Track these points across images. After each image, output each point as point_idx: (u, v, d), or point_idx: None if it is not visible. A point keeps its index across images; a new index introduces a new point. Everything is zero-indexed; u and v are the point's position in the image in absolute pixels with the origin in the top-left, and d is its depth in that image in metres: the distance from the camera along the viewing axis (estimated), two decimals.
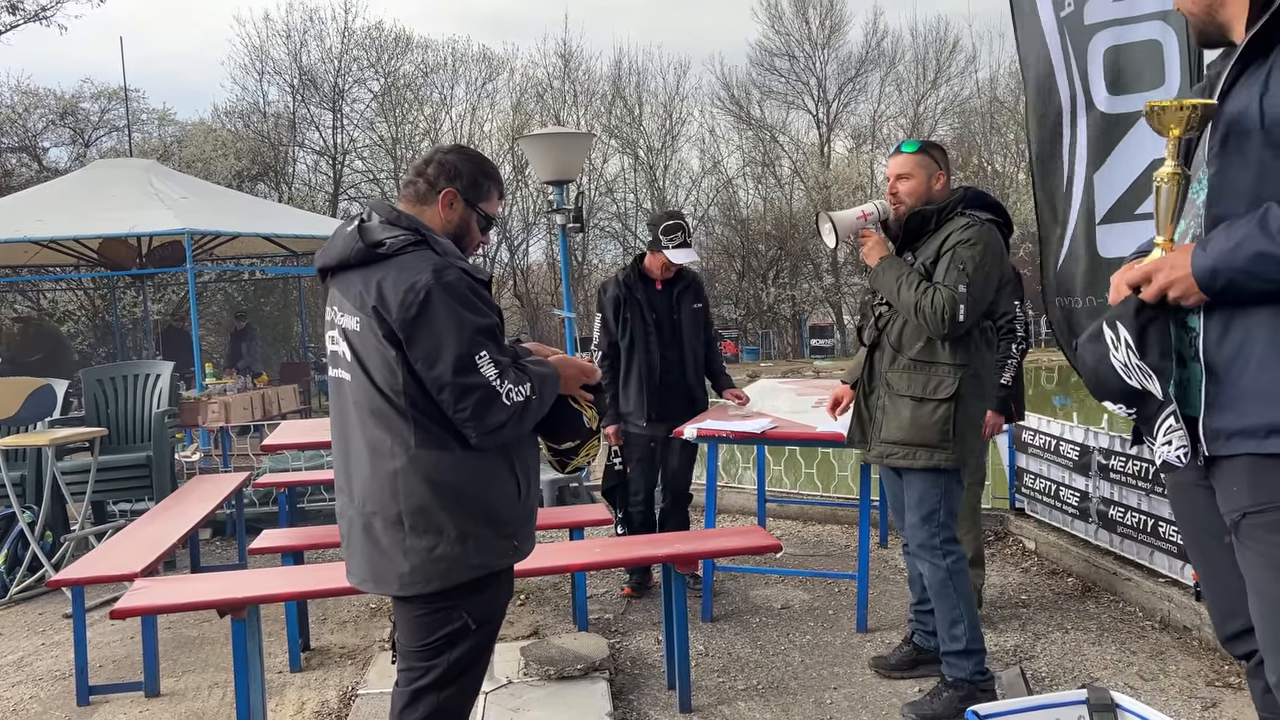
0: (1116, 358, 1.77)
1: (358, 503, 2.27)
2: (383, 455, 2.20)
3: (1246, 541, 1.74)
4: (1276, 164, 1.67)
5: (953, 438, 3.28)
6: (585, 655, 3.77)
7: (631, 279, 4.74)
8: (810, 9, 30.63)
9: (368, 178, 27.09)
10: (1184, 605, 4.08)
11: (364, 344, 2.19)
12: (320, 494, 6.43)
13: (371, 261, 2.19)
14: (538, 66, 28.88)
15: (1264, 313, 1.67)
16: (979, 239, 3.23)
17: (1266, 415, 1.66)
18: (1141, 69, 3.98)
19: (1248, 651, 1.94)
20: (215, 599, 3.13)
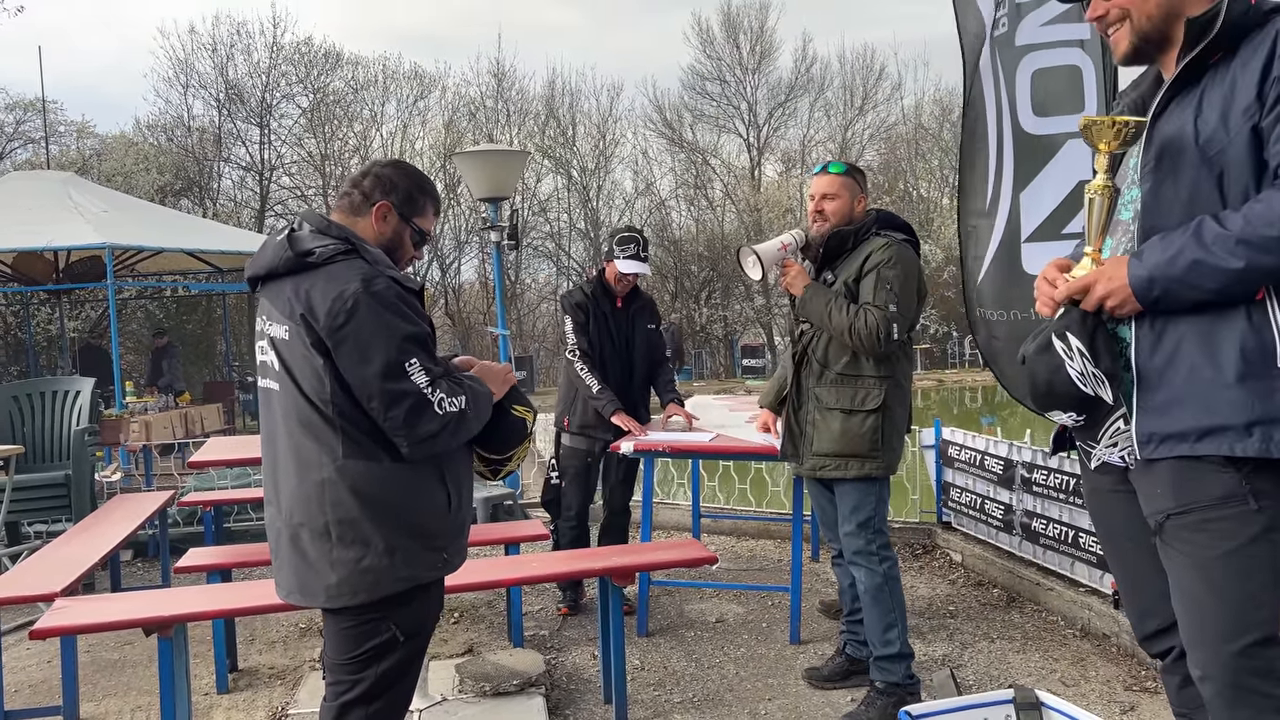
0: (1072, 368, 1.83)
1: (285, 514, 2.24)
2: (310, 465, 2.18)
3: (1170, 542, 1.82)
4: (1209, 181, 1.76)
5: (881, 446, 3.41)
6: (521, 671, 3.75)
7: (597, 292, 4.72)
8: (741, 34, 31.18)
9: (295, 194, 26.69)
10: (1103, 613, 4.22)
11: (292, 353, 2.18)
12: (247, 513, 6.29)
13: (300, 270, 2.18)
14: (470, 85, 28.87)
15: (1194, 323, 1.76)
16: (898, 258, 3.39)
17: (1199, 419, 1.75)
18: (1063, 93, 4.15)
19: (1164, 650, 2.02)
20: (141, 617, 3.05)
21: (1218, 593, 1.75)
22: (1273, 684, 1.72)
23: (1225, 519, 1.74)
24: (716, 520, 6.34)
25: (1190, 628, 1.80)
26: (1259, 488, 1.72)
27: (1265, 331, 1.71)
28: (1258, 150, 1.72)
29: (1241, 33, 1.76)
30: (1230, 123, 1.73)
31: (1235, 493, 1.73)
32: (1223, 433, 1.72)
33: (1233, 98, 1.74)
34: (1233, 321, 1.73)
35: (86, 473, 5.86)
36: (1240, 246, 1.67)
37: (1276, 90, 1.69)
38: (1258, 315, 1.72)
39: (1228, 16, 1.75)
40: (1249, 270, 1.67)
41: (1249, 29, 1.76)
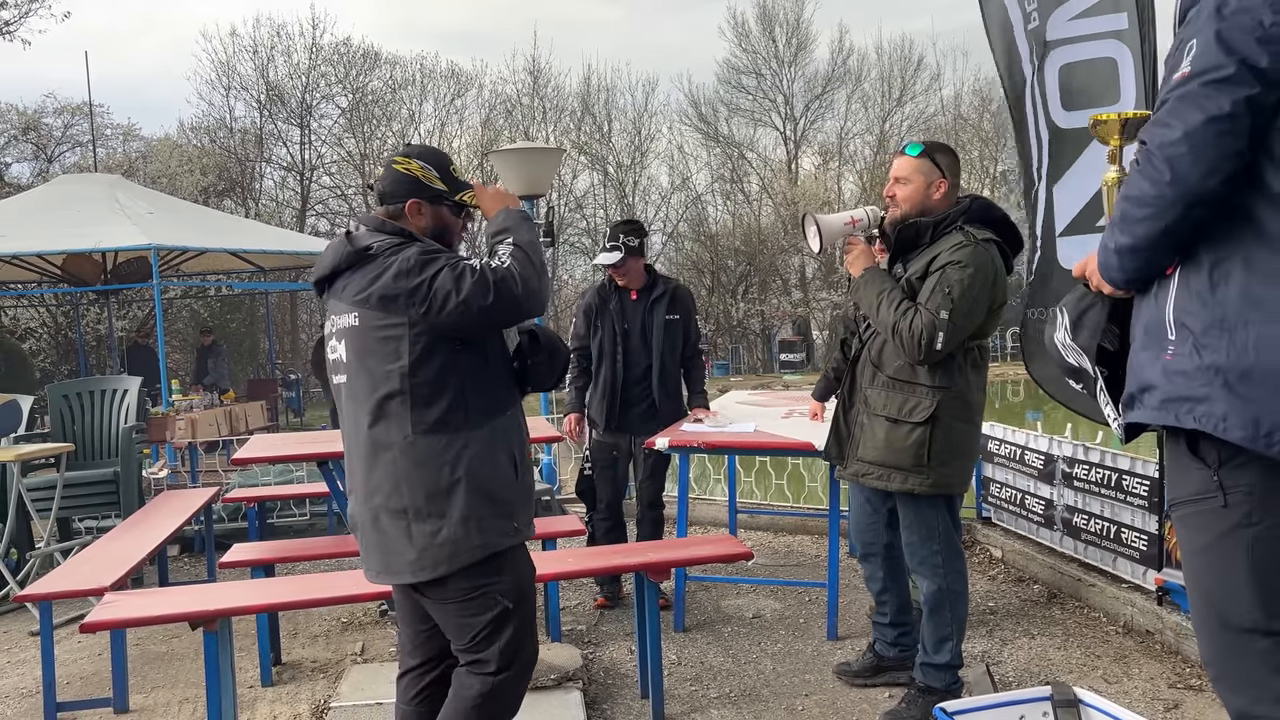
0: (1056, 337, 1.95)
1: (364, 498, 2.36)
2: (383, 446, 2.30)
3: (1176, 530, 1.86)
4: None
5: (928, 462, 3.16)
6: (558, 665, 3.78)
7: (606, 289, 4.79)
8: (777, 27, 31.03)
9: (335, 193, 27.01)
10: (1146, 610, 4.16)
11: (363, 337, 2.29)
12: (289, 509, 6.39)
13: (363, 264, 2.31)
14: (507, 83, 29.01)
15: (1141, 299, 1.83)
16: (970, 261, 3.08)
17: (1128, 388, 1.82)
18: (1097, 86, 4.09)
19: None
20: (187, 611, 3.12)
21: (1202, 583, 1.78)
22: (1268, 674, 1.71)
23: (1198, 515, 1.76)
24: (753, 516, 6.33)
25: (1192, 615, 1.82)
26: (1230, 484, 1.71)
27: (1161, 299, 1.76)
28: None
29: None
30: None
31: (1206, 489, 1.73)
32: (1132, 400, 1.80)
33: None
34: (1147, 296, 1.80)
35: (134, 470, 5.99)
36: (1113, 229, 1.76)
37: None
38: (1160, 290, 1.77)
39: None
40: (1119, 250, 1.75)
41: None
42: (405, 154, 2.47)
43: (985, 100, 30.71)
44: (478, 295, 2.21)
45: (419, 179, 2.43)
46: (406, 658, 2.60)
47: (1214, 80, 1.57)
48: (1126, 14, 4.00)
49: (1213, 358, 1.64)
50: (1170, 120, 1.62)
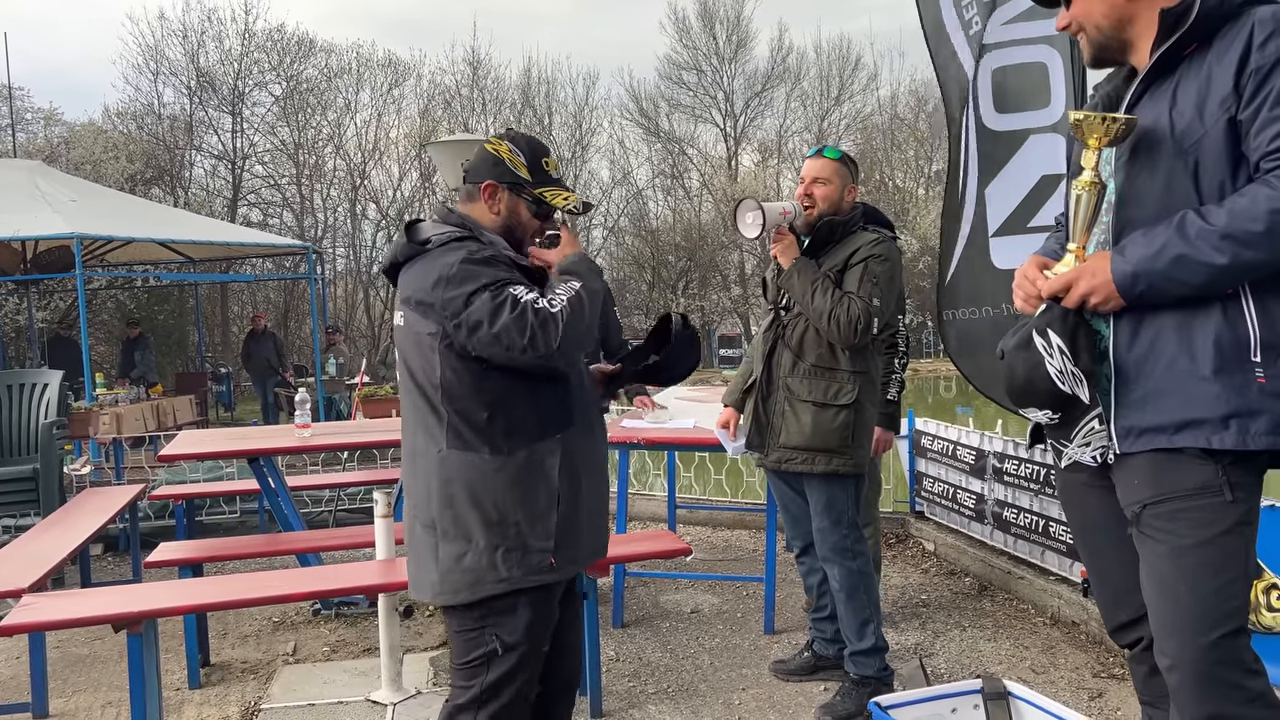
0: (1052, 365, 1.84)
1: (407, 507, 2.30)
2: (420, 455, 2.21)
3: (1147, 531, 1.84)
4: (1184, 173, 1.78)
5: (852, 443, 3.34)
6: None
7: None
8: (718, 24, 31.14)
9: (269, 183, 26.45)
10: (1072, 601, 4.27)
11: (405, 338, 2.20)
12: (220, 506, 6.25)
13: (417, 258, 2.21)
14: (446, 73, 28.65)
15: (1171, 317, 1.79)
16: (889, 255, 3.35)
17: (1177, 412, 1.77)
18: (1028, 90, 4.17)
19: (1133, 640, 2.05)
20: (111, 613, 3.03)
21: (1190, 583, 1.77)
22: (1241, 674, 1.75)
23: (1201, 509, 1.77)
24: (692, 511, 6.36)
25: (1162, 617, 1.82)
26: (1235, 480, 1.75)
27: (1239, 325, 1.74)
28: (1234, 142, 1.73)
29: (1215, 25, 1.77)
30: (1206, 115, 1.75)
31: (1211, 483, 1.75)
32: (1200, 425, 1.75)
33: (1208, 90, 1.75)
34: (1209, 315, 1.75)
35: (55, 466, 5.80)
36: (1225, 241, 1.68)
37: (1254, 83, 1.70)
38: (1232, 308, 1.74)
39: (1202, 8, 1.76)
40: (1233, 265, 1.69)
41: (1223, 21, 1.77)
42: (500, 135, 2.34)
43: (921, 100, 31.19)
44: (511, 333, 2.03)
45: (504, 161, 2.27)
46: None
47: None
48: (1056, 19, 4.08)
49: None
50: None
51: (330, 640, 4.37)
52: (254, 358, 13.88)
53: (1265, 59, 1.70)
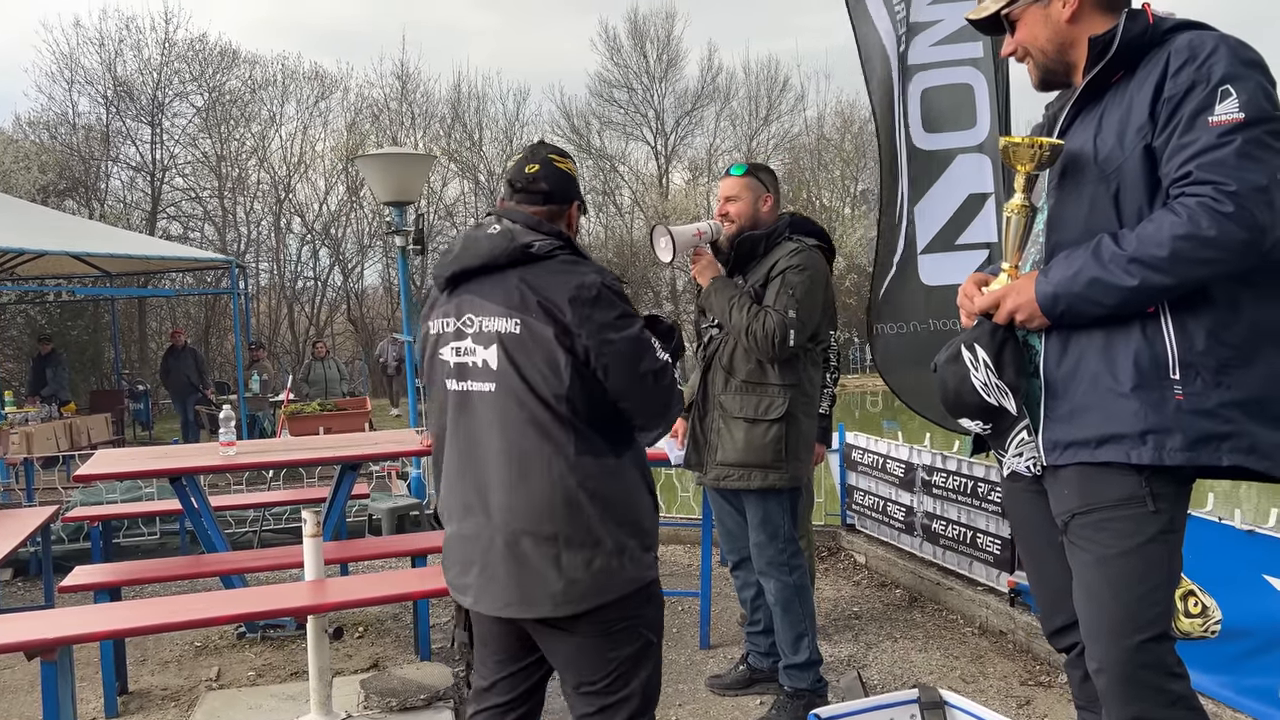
0: (977, 377, 1.90)
1: (499, 522, 2.12)
2: (536, 467, 2.09)
3: (1075, 540, 1.89)
4: (1105, 197, 1.84)
5: (785, 457, 3.34)
6: (428, 685, 3.68)
7: None
8: (648, 43, 31.39)
9: (189, 195, 25.82)
10: (999, 611, 4.36)
11: (523, 347, 2.09)
12: (138, 528, 6.04)
13: (523, 262, 2.12)
14: (374, 86, 28.36)
15: (1096, 335, 1.84)
16: (806, 264, 3.33)
17: (1098, 428, 1.83)
18: (954, 110, 4.28)
19: (1068, 645, 2.10)
20: (22, 640, 2.90)
21: (1115, 589, 1.82)
22: (1164, 678, 1.80)
23: (1125, 519, 1.82)
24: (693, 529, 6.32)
25: (1089, 622, 1.87)
26: (1158, 491, 1.80)
27: (1158, 343, 1.79)
28: (1151, 168, 1.79)
29: (1140, 53, 1.84)
30: (1125, 141, 1.81)
31: (1135, 494, 1.81)
32: (1120, 440, 1.80)
33: (1129, 117, 1.81)
34: (1129, 334, 1.81)
35: None
36: (1133, 265, 1.74)
37: (1167, 110, 1.77)
38: (1151, 328, 1.80)
39: (1124, 36, 1.82)
40: (1142, 287, 1.75)
41: (1147, 49, 1.83)
42: (557, 152, 2.33)
43: (847, 121, 31.79)
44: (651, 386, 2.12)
45: (577, 181, 2.31)
46: (486, 694, 2.35)
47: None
48: (982, 43, 4.20)
49: (1235, 393, 1.73)
50: (1251, 166, 1.67)
51: (256, 664, 4.25)
52: (174, 375, 13.47)
53: (1177, 88, 1.76)
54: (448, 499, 2.23)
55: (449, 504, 2.22)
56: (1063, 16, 1.95)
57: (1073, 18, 1.94)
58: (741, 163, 3.61)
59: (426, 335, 2.24)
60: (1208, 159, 1.70)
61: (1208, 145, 1.71)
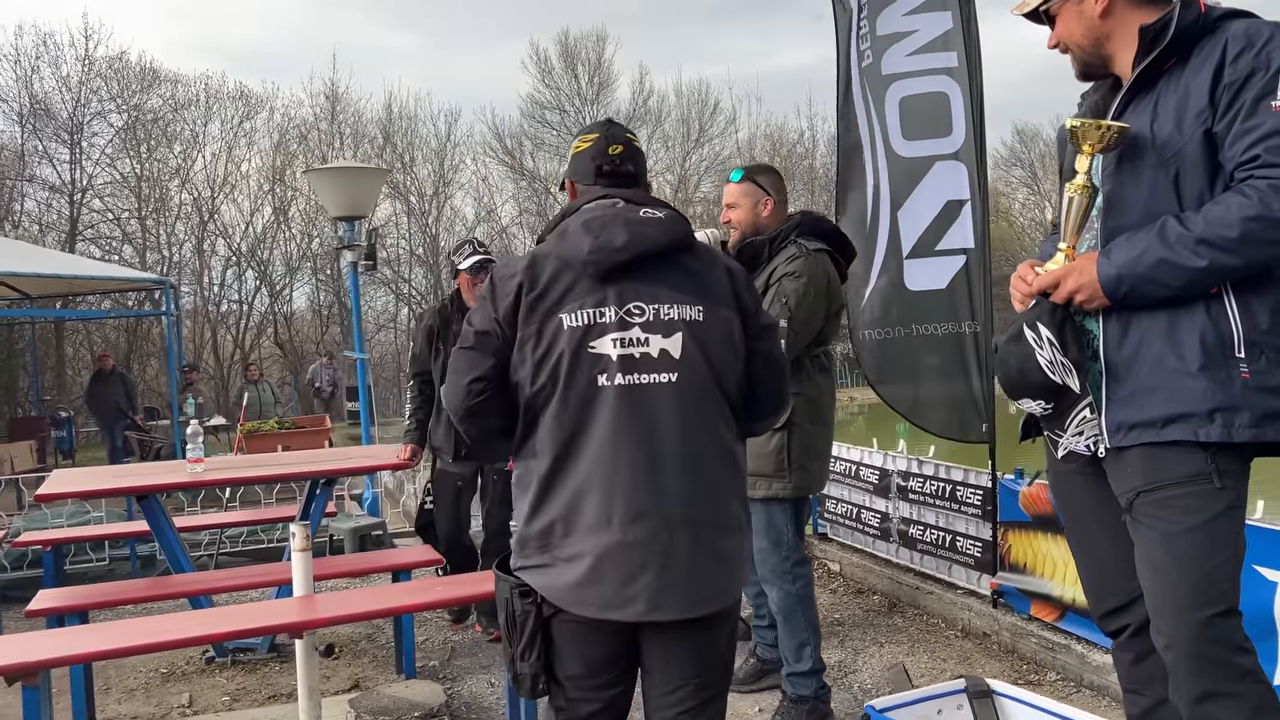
0: (1042, 356, 1.92)
1: (678, 516, 2.00)
2: (712, 455, 2.05)
3: (1140, 518, 1.91)
4: (1165, 181, 1.88)
5: (789, 466, 3.31)
6: (420, 703, 3.57)
7: (448, 310, 4.65)
8: (579, 65, 31.51)
9: (108, 217, 24.99)
10: (982, 613, 4.40)
11: (709, 334, 2.04)
12: (85, 553, 5.76)
13: (688, 248, 2.10)
14: (302, 106, 27.87)
15: (1159, 317, 1.87)
16: (803, 271, 3.28)
17: (1163, 408, 1.86)
18: (930, 118, 4.36)
19: (1119, 627, 2.12)
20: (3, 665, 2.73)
21: (1182, 566, 1.84)
22: (1233, 653, 1.82)
23: (1191, 496, 1.84)
24: None
25: (1156, 599, 1.89)
26: (1223, 468, 1.83)
27: (1222, 323, 1.83)
28: (1211, 153, 1.84)
29: (1193, 40, 1.88)
30: (1184, 127, 1.85)
31: (1201, 471, 1.84)
32: (1188, 419, 1.83)
33: (1186, 103, 1.85)
34: (1193, 315, 1.84)
35: None
36: (1201, 246, 1.78)
37: (1228, 96, 1.81)
38: (1215, 308, 1.84)
39: (1179, 25, 1.86)
40: (1210, 269, 1.79)
41: (1199, 37, 1.88)
42: (629, 131, 2.28)
43: (776, 144, 32.36)
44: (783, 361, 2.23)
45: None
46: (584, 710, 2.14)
47: None
48: (956, 53, 4.29)
49: None
50: None
51: (229, 689, 4.06)
52: (100, 400, 12.96)
53: (1237, 74, 1.81)
54: (600, 507, 2.01)
55: (595, 515, 2.01)
56: (1095, 12, 1.99)
57: (1104, 13, 1.99)
58: (739, 168, 3.57)
59: (559, 329, 2.02)
60: (1275, 142, 1.75)
61: (1274, 129, 1.75)
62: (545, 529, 2.05)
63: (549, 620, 2.08)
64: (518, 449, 2.14)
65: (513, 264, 2.15)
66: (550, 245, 2.12)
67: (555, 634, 2.09)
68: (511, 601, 2.11)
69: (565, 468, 2.04)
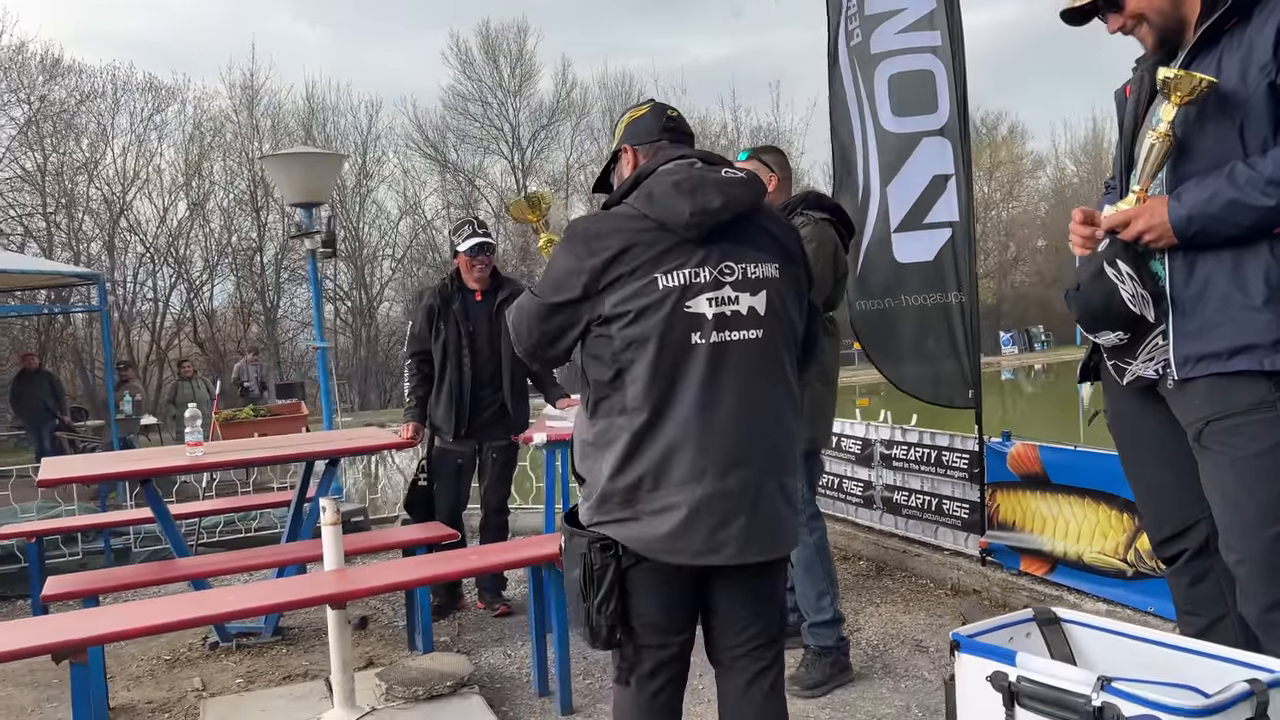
0: (1124, 289, 2.07)
1: (765, 465, 2.14)
2: (787, 407, 2.20)
3: (1209, 445, 2.06)
4: (1231, 131, 2.02)
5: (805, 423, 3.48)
6: (451, 672, 3.59)
7: (448, 289, 4.65)
8: (501, 57, 31.33)
9: (8, 214, 23.90)
10: (971, 571, 4.60)
11: (786, 291, 2.17)
12: (57, 548, 5.58)
13: (761, 207, 2.21)
14: (217, 97, 27.10)
15: (1225, 257, 2.02)
16: (812, 237, 3.45)
17: (1229, 340, 2.00)
18: (918, 96, 4.53)
19: (1175, 553, 2.28)
20: (52, 643, 2.69)
21: (1250, 488, 2.00)
22: None
23: (1257, 423, 2.00)
24: None
25: (1227, 520, 2.04)
26: None
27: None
28: (1275, 104, 1.99)
29: (1253, 1, 2.04)
30: (1249, 79, 2.00)
31: (1266, 400, 1.99)
32: (1253, 350, 1.98)
33: (1250, 57, 2.00)
34: (1258, 254, 2.00)
35: None
36: (1270, 187, 1.93)
37: None
38: (1277, 247, 1.99)
39: None
40: (1278, 208, 1.93)
41: None
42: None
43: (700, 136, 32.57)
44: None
45: None
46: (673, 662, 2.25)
47: None
48: (940, 32, 4.46)
49: None
50: None
51: (240, 672, 4.02)
52: (26, 400, 12.46)
53: None
54: (694, 460, 2.10)
55: (690, 467, 2.10)
56: None
57: None
58: (746, 148, 3.74)
59: (655, 289, 2.08)
60: None
61: None
62: (633, 484, 2.12)
63: (625, 571, 2.15)
64: (597, 406, 2.19)
65: (602, 221, 2.20)
66: (640, 206, 2.16)
67: (631, 584, 2.16)
68: (590, 555, 2.17)
69: (658, 424, 2.11)
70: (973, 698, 2.10)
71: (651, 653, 2.22)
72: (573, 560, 2.25)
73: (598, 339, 2.15)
